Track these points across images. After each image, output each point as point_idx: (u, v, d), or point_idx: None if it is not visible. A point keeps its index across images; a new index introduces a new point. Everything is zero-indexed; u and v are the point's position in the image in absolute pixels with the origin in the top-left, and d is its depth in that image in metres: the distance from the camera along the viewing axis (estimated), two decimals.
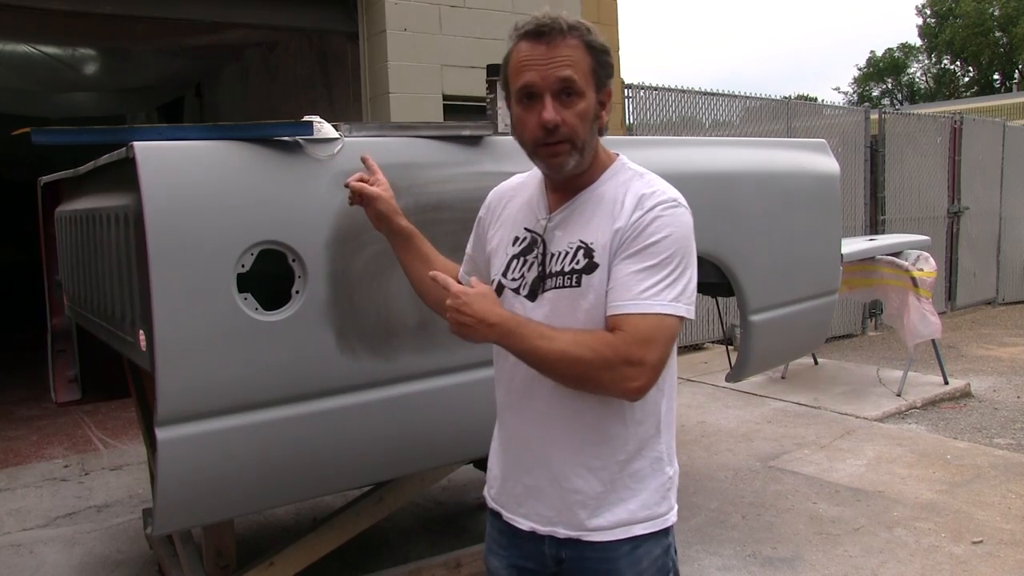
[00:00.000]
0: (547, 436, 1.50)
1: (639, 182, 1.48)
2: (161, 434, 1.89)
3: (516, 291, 1.53)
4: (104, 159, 2.18)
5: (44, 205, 3.21)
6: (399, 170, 2.19)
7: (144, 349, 1.94)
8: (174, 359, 1.87)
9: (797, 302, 3.34)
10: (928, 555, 3.34)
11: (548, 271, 1.49)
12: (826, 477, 4.25)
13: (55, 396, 3.26)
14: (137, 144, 1.85)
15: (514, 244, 1.57)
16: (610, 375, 1.35)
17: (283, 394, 2.05)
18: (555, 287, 1.47)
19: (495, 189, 1.72)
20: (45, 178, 3.14)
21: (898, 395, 5.75)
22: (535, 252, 1.52)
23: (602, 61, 1.43)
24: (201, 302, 1.89)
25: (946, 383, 6.00)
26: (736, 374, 3.31)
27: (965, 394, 5.95)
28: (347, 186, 1.75)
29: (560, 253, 1.48)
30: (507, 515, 1.58)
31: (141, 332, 1.96)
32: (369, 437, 2.23)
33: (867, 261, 5.87)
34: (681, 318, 1.40)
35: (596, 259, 1.43)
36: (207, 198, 1.92)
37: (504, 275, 1.56)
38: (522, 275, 1.53)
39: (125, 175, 1.95)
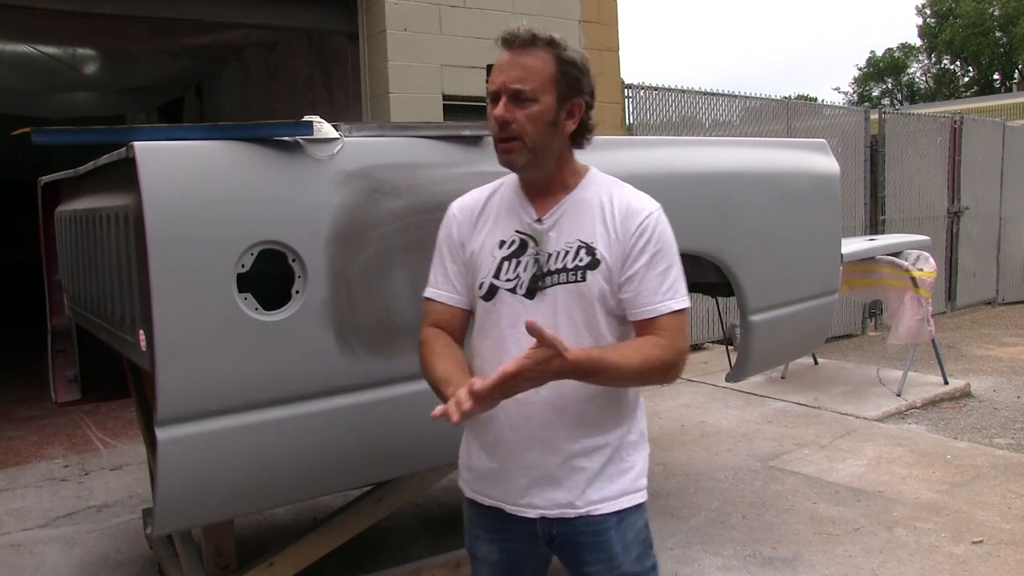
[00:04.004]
0: (554, 425, 1.60)
1: (618, 188, 1.65)
2: (161, 434, 1.89)
3: (512, 291, 1.61)
4: (104, 159, 2.18)
5: (44, 205, 3.21)
6: (399, 170, 2.19)
7: (144, 349, 1.94)
8: (174, 359, 1.87)
9: (797, 302, 3.34)
10: (928, 555, 3.34)
11: (547, 269, 1.59)
12: (826, 477, 4.25)
13: (55, 396, 3.26)
14: (137, 144, 1.85)
15: (501, 247, 1.64)
16: (671, 372, 1.57)
17: (283, 394, 2.05)
18: (558, 283, 1.59)
19: (456, 205, 1.76)
20: (45, 178, 3.14)
21: (898, 395, 5.75)
22: (528, 252, 1.61)
23: (568, 73, 1.56)
24: (201, 302, 1.90)
25: (946, 383, 5.99)
26: (736, 374, 3.31)
27: (965, 394, 5.95)
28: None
29: (559, 252, 1.60)
30: (510, 508, 1.66)
31: (141, 332, 1.96)
32: (369, 437, 2.23)
33: (867, 261, 5.87)
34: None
35: (598, 256, 1.58)
36: (207, 198, 1.92)
37: (496, 277, 1.63)
38: (517, 275, 1.62)
39: (125, 175, 1.95)
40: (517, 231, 1.64)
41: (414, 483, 2.83)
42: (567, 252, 1.59)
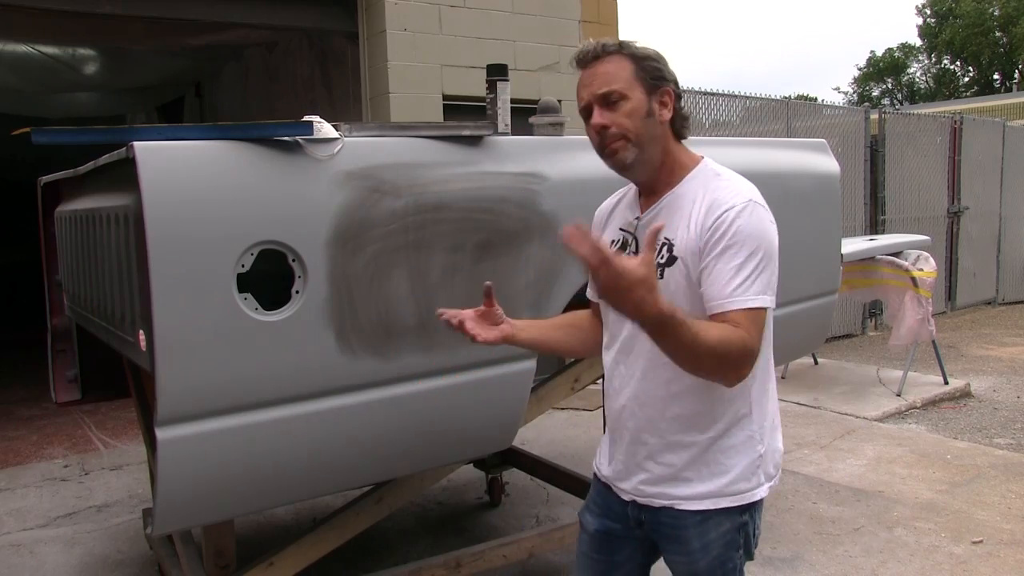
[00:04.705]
0: (637, 418, 1.67)
1: (715, 181, 1.61)
2: (161, 434, 1.89)
3: None
4: (104, 159, 2.18)
5: (44, 205, 3.21)
6: (399, 170, 2.19)
7: (144, 349, 1.94)
8: (174, 359, 1.87)
9: (797, 302, 3.33)
10: (928, 555, 3.34)
11: None
12: (826, 477, 4.25)
13: (55, 396, 3.26)
14: (137, 144, 1.85)
15: (610, 247, 1.68)
16: (736, 368, 1.46)
17: (283, 394, 2.05)
18: None
19: (597, 210, 1.84)
20: (45, 178, 3.14)
21: (898, 395, 5.75)
22: (628, 251, 1.67)
23: (646, 66, 1.59)
24: (201, 302, 1.89)
25: (946, 383, 6.00)
26: None
27: (965, 394, 5.95)
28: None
29: None
30: (616, 488, 1.76)
31: (141, 332, 1.96)
32: (369, 437, 2.23)
33: (867, 261, 5.87)
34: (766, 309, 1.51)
35: (676, 253, 1.58)
36: (207, 198, 1.92)
37: None
38: None
39: (125, 175, 1.95)
40: (621, 229, 1.72)
41: (414, 483, 2.83)
42: (657, 250, 1.57)
